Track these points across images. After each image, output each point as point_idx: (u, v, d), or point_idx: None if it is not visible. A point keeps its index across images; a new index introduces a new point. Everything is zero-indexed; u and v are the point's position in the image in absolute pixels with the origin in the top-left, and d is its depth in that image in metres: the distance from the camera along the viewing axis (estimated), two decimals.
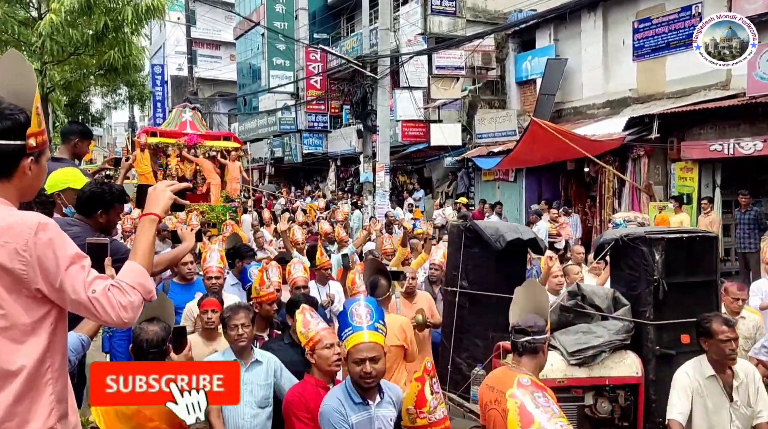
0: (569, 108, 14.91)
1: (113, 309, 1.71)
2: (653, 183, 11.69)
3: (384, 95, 15.12)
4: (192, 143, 11.38)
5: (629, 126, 11.79)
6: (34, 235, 1.66)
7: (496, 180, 16.35)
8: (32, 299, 1.70)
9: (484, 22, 17.56)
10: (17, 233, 1.66)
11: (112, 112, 32.13)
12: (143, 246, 1.92)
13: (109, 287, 1.72)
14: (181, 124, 11.71)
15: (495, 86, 17.60)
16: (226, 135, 12.74)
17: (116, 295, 1.72)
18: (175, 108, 12.54)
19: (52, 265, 1.67)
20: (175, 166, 11.40)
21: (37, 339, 1.71)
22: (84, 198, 3.10)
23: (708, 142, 10.67)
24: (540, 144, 11.40)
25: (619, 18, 13.45)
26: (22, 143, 1.74)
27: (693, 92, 11.66)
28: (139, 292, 1.78)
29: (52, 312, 1.74)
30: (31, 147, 1.76)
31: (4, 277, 1.66)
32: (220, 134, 12.87)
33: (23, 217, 1.71)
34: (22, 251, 1.65)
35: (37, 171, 1.81)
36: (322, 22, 23.96)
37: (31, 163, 1.77)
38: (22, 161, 1.76)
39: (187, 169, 11.53)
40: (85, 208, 3.10)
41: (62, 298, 1.70)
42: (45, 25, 9.11)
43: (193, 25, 30.46)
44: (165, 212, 2.04)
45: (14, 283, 1.67)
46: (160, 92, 33.62)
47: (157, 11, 9.85)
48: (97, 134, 53.14)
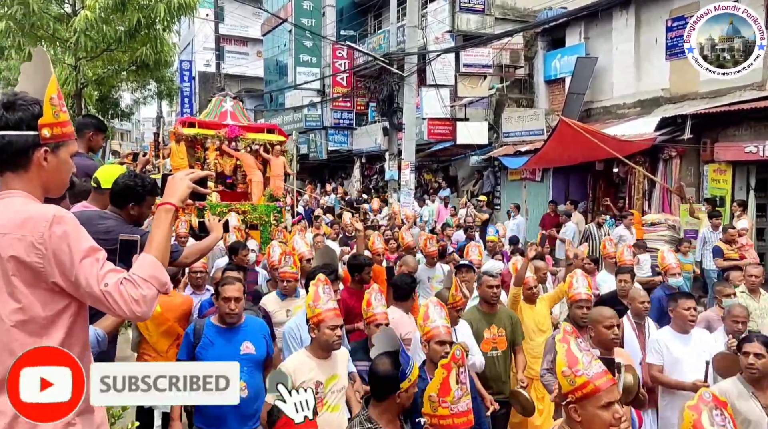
0: (599, 107, 14.71)
1: (125, 303, 1.68)
2: (685, 185, 11.48)
3: (410, 93, 15.09)
4: (233, 136, 10.45)
5: (661, 126, 11.58)
6: (49, 228, 1.66)
7: (523, 179, 16.20)
8: (50, 293, 1.69)
9: (513, 20, 17.40)
10: (33, 226, 1.66)
11: (141, 107, 32.57)
12: (159, 237, 1.86)
13: (122, 280, 1.70)
14: (220, 114, 10.74)
15: (523, 85, 17.44)
16: (270, 127, 11.66)
17: (128, 288, 1.69)
18: (215, 97, 11.52)
19: (66, 258, 1.66)
20: (213, 161, 10.55)
21: (55, 332, 1.71)
22: (117, 191, 3.10)
23: (742, 144, 10.44)
24: (568, 144, 11.27)
25: (652, 16, 13.22)
26: (35, 134, 1.73)
27: (727, 92, 11.41)
28: (153, 285, 1.74)
29: (71, 306, 1.74)
30: (45, 137, 1.74)
31: (23, 270, 1.66)
32: (264, 126, 11.83)
33: (39, 210, 1.70)
34: (38, 244, 1.65)
35: (56, 163, 1.79)
36: (349, 19, 23.98)
37: (46, 154, 1.76)
38: (36, 152, 1.75)
39: (226, 164, 10.73)
40: (119, 200, 3.10)
41: (78, 291, 1.70)
42: (79, 21, 9.25)
43: (222, 21, 30.67)
44: (182, 202, 1.98)
45: (33, 277, 1.67)
46: (188, 88, 34.02)
47: (189, 8, 9.91)
48: (126, 129, 54.01)
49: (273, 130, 11.45)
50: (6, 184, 1.76)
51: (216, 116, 10.74)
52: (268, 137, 10.95)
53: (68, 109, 1.92)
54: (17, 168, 1.75)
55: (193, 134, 10.35)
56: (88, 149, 4.38)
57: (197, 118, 11.14)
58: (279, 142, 11.05)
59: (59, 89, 1.82)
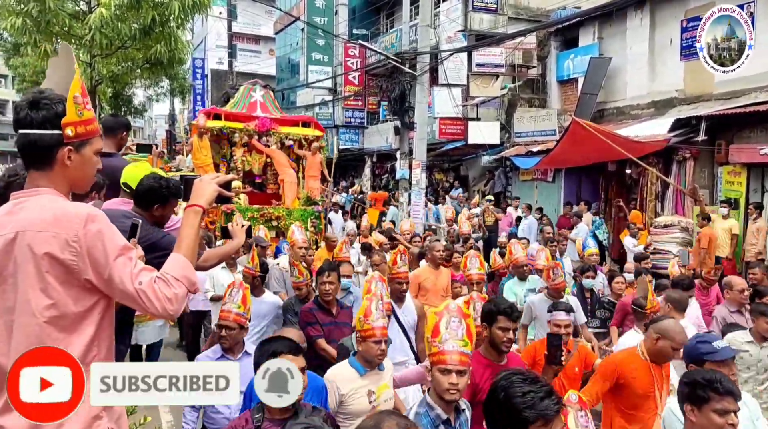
0: (612, 108, 14.60)
1: (159, 301, 1.73)
2: (699, 187, 11.36)
3: (422, 92, 15.04)
4: (264, 129, 9.30)
5: (675, 127, 11.48)
6: (83, 226, 1.69)
7: (534, 180, 16.12)
8: (82, 289, 1.72)
9: (526, 20, 17.32)
10: (67, 224, 1.69)
11: (154, 104, 32.82)
12: (188, 238, 1.93)
13: (155, 279, 1.75)
14: (249, 104, 9.59)
15: (535, 85, 17.35)
16: (306, 119, 10.44)
17: (162, 287, 1.74)
18: (243, 85, 10.26)
19: (101, 256, 1.70)
20: (240, 158, 9.44)
21: (86, 328, 1.74)
22: (142, 191, 3.14)
23: (758, 146, 10.32)
24: (581, 144, 11.19)
25: (667, 16, 13.10)
26: (59, 133, 1.75)
27: (743, 94, 11.28)
28: (184, 285, 1.80)
29: (100, 301, 1.77)
30: (69, 136, 1.76)
31: (56, 267, 1.69)
32: (298, 119, 10.60)
33: (73, 209, 1.73)
34: (72, 242, 1.68)
35: (80, 161, 1.81)
36: (361, 17, 23.98)
37: (70, 153, 1.78)
38: (59, 151, 1.77)
39: (255, 161, 9.64)
40: (143, 201, 3.14)
41: (111, 288, 1.73)
42: (95, 18, 9.34)
43: (235, 19, 30.82)
44: (209, 204, 2.05)
45: (65, 274, 1.69)
46: (201, 85, 34.19)
47: (203, 6, 9.99)
48: (138, 126, 54.37)
49: (309, 123, 10.26)
50: (33, 181, 1.79)
51: (244, 107, 9.62)
52: (303, 131, 9.76)
53: None
54: (42, 166, 1.78)
55: (219, 128, 9.25)
56: (119, 148, 4.47)
57: (223, 109, 9.92)
58: (315, 137, 9.83)
59: (83, 86, 1.83)
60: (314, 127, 10.11)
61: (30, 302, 1.68)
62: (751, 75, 11.02)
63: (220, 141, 9.47)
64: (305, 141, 9.72)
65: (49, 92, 1.78)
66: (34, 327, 1.68)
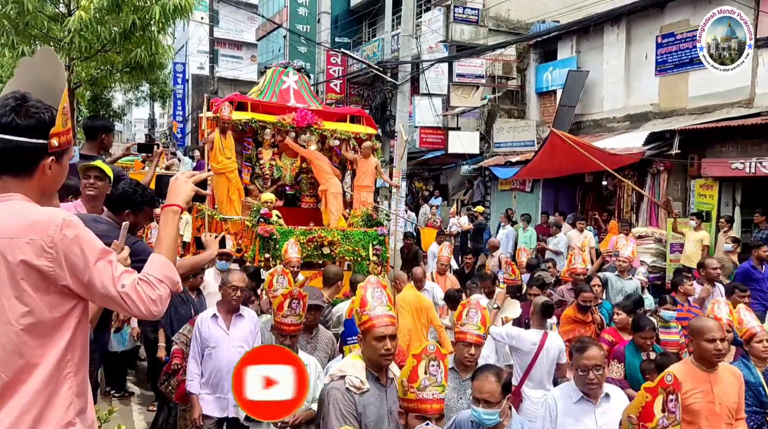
0: (589, 120, 14.85)
1: (143, 303, 1.73)
2: (672, 199, 11.60)
3: (403, 101, 15.15)
4: (304, 124, 7.32)
5: (650, 141, 11.71)
6: (59, 232, 1.66)
7: (513, 190, 16.30)
8: (58, 295, 1.70)
9: (506, 32, 17.57)
10: (42, 230, 1.65)
11: (133, 108, 32.46)
12: (168, 238, 1.92)
13: (138, 281, 1.74)
14: (281, 92, 7.70)
15: (515, 96, 17.57)
16: (355, 113, 8.29)
17: (145, 289, 1.74)
18: (272, 66, 8.40)
19: (79, 261, 1.67)
20: (268, 162, 7.59)
21: (62, 333, 1.72)
22: (116, 195, 3.13)
23: (729, 160, 10.58)
24: (559, 155, 11.37)
25: (643, 32, 13.39)
26: (44, 142, 1.73)
27: (715, 109, 11.57)
28: (167, 285, 1.80)
29: (77, 307, 1.75)
30: (54, 147, 1.75)
31: (31, 274, 1.65)
32: (346, 111, 8.36)
33: (48, 214, 1.70)
34: (48, 248, 1.65)
35: (58, 170, 1.80)
36: (344, 26, 24.09)
37: (51, 163, 1.76)
38: (42, 160, 1.74)
39: (286, 166, 7.72)
40: (115, 205, 3.13)
41: (91, 293, 1.71)
42: (74, 21, 9.21)
43: (216, 25, 30.71)
44: (187, 203, 2.04)
45: (41, 280, 1.66)
46: (181, 90, 33.95)
47: (185, 11, 9.88)
48: (117, 130, 53.76)
49: (359, 117, 8.11)
50: (5, 186, 1.75)
51: (273, 95, 7.71)
52: (352, 128, 7.74)
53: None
54: (20, 173, 1.74)
55: (246, 121, 7.24)
56: (100, 151, 4.46)
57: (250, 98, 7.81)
58: (368, 136, 7.80)
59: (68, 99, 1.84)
60: (365, 122, 8.07)
61: (5, 310, 1.65)
62: (723, 91, 11.35)
63: (243, 139, 7.56)
64: (355, 140, 7.70)
65: (33, 98, 1.74)
66: (10, 335, 1.64)
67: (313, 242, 6.40)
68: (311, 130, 7.43)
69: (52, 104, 1.75)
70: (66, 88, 1.82)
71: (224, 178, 7.17)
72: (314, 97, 8.25)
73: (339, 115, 8.09)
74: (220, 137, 7.10)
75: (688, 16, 12.35)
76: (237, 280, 4.33)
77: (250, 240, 6.50)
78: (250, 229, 6.55)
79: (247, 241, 6.56)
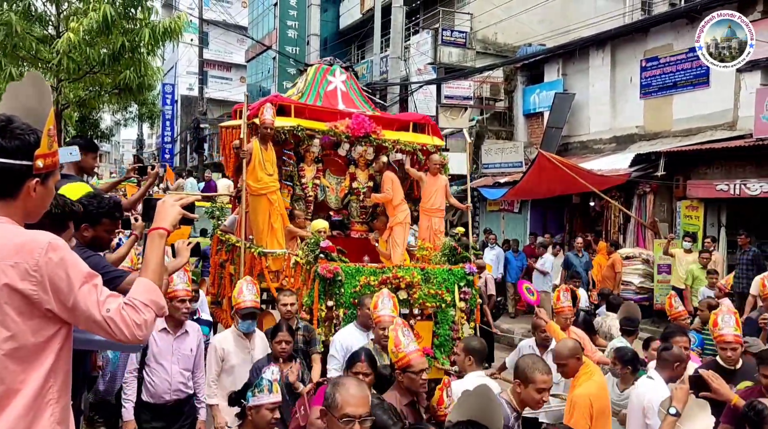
0: (576, 142, 15.01)
1: (128, 327, 1.70)
2: (659, 220, 11.71)
3: None
4: (361, 132, 5.99)
5: (636, 162, 11.85)
6: (44, 255, 1.64)
7: (501, 211, 16.36)
8: (42, 319, 1.67)
9: (494, 55, 17.81)
10: (27, 253, 1.63)
11: (121, 129, 32.39)
12: (153, 262, 1.90)
13: (123, 306, 1.71)
14: (326, 94, 6.41)
15: (502, 118, 17.74)
16: (420, 119, 6.90)
17: (130, 313, 1.72)
18: (314, 63, 7.26)
19: (64, 285, 1.65)
20: (311, 181, 6.20)
21: (44, 359, 1.69)
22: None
23: (714, 182, 10.71)
24: (546, 176, 11.45)
25: (627, 56, 13.62)
26: (28, 164, 1.71)
27: (699, 131, 11.74)
28: (152, 309, 1.77)
29: (61, 331, 1.72)
30: (38, 168, 1.73)
31: (15, 298, 1.63)
32: (409, 117, 7.09)
33: (32, 237, 1.68)
34: (33, 272, 1.63)
35: (43, 193, 1.78)
36: (333, 48, 24.27)
37: (36, 185, 1.75)
38: (27, 182, 1.73)
39: (332, 185, 6.44)
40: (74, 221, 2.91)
41: (75, 317, 1.69)
42: (63, 43, 9.21)
43: (206, 46, 30.88)
44: (173, 226, 2.02)
45: (25, 305, 1.64)
46: (170, 111, 33.98)
47: (174, 33, 9.94)
48: (105, 150, 53.57)
49: (424, 124, 6.73)
50: None
51: (317, 97, 6.38)
52: (417, 138, 6.44)
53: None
54: (4, 195, 1.72)
55: (290, 128, 5.85)
56: (79, 171, 4.29)
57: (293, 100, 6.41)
58: (435, 148, 6.55)
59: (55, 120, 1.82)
60: (431, 131, 6.71)
61: None
62: (708, 113, 11.55)
63: (282, 150, 6.09)
64: (422, 153, 6.35)
65: (18, 120, 1.73)
66: None
67: (385, 285, 4.75)
68: (370, 140, 6.09)
69: (38, 127, 1.74)
70: (52, 109, 1.81)
71: (265, 200, 5.68)
72: (365, 101, 6.85)
73: (401, 123, 6.73)
74: (260, 148, 5.57)
75: (670, 40, 12.60)
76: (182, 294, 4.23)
77: (303, 281, 4.97)
78: (300, 267, 5.06)
79: (297, 282, 5.06)
